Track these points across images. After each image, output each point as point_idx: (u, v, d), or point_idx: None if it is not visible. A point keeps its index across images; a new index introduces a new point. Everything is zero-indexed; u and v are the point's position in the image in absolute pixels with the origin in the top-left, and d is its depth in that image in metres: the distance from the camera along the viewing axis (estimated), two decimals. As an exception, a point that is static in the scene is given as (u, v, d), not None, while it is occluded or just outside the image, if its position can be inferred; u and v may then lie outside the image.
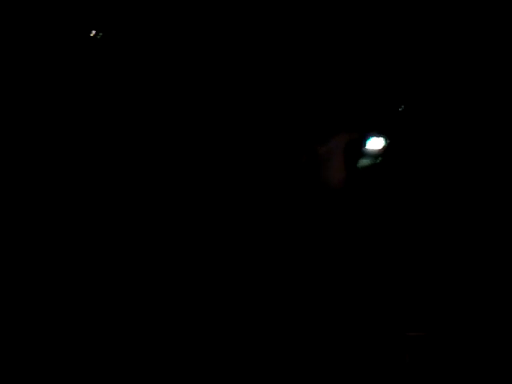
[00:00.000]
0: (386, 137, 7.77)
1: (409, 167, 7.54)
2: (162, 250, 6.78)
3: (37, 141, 7.16)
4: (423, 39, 7.63)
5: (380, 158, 7.88)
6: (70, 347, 4.74)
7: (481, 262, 6.40)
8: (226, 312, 5.52)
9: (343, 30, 7.69)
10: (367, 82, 7.87)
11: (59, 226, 6.79)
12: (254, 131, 7.85)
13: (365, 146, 7.79)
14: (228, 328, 5.22)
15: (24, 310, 5.28)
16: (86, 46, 7.66)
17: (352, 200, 7.39)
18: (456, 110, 7.46)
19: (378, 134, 7.80)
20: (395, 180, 7.62)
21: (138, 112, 7.64)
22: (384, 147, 7.79)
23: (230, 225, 7.29)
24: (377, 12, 7.66)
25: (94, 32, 7.76)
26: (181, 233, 7.12)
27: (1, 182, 6.76)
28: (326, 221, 6.73)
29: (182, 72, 7.89)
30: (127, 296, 5.69)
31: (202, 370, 4.56)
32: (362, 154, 7.82)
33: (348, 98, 7.85)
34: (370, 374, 5.06)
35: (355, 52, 7.79)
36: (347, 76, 7.87)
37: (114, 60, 7.79)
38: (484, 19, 7.32)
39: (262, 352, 4.88)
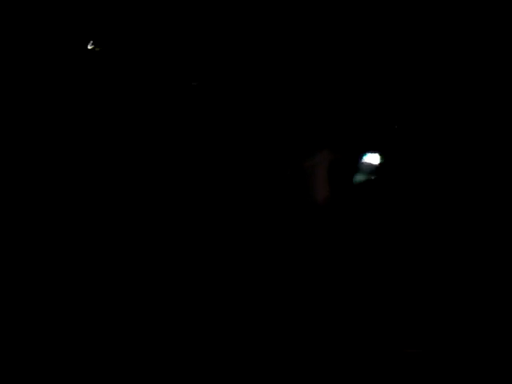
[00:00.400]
0: (382, 153, 7.77)
1: (404, 182, 7.54)
2: (161, 249, 6.78)
3: (38, 141, 7.14)
4: (417, 53, 7.66)
5: (375, 174, 7.87)
6: (70, 347, 4.71)
7: (478, 276, 6.37)
8: (226, 311, 5.51)
9: (337, 44, 7.71)
10: (362, 98, 7.88)
11: (59, 225, 6.77)
12: (242, 142, 7.84)
13: (360, 161, 7.79)
14: (227, 327, 5.20)
15: (24, 309, 5.28)
16: (85, 51, 7.66)
17: (343, 210, 7.39)
18: (451, 124, 7.48)
19: (374, 151, 7.81)
20: (390, 196, 7.60)
21: (139, 113, 7.63)
22: (379, 163, 7.79)
23: (220, 230, 7.29)
24: (369, 27, 7.69)
25: (91, 43, 7.76)
26: (176, 234, 7.11)
27: (1, 182, 6.74)
28: (315, 234, 6.70)
29: (177, 78, 7.89)
30: (127, 296, 5.70)
31: (202, 370, 4.53)
32: (357, 169, 7.81)
33: (343, 113, 7.86)
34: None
35: (350, 66, 7.81)
36: (342, 92, 7.88)
37: (115, 62, 7.78)
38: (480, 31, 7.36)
39: (261, 352, 4.86)
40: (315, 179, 6.57)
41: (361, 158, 7.87)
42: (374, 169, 7.83)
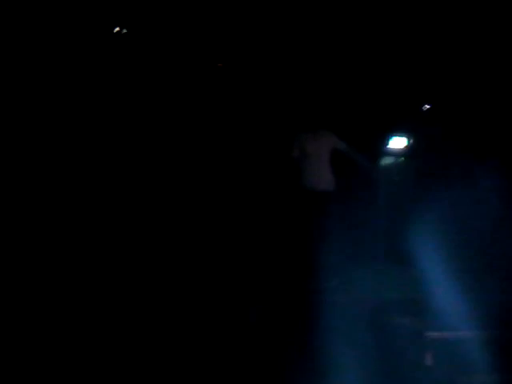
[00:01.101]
0: (409, 136, 7.71)
1: (430, 166, 7.47)
2: (160, 249, 6.81)
3: (39, 141, 7.21)
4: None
5: (402, 157, 7.82)
6: (70, 347, 4.75)
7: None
8: (225, 311, 5.52)
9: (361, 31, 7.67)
10: (389, 83, 7.81)
11: (59, 225, 6.82)
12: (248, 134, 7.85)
13: (387, 145, 7.74)
14: (227, 327, 5.22)
15: (24, 309, 5.31)
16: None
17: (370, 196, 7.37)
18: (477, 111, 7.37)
19: (401, 134, 7.75)
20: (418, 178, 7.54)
21: (140, 112, 7.67)
22: (407, 146, 7.73)
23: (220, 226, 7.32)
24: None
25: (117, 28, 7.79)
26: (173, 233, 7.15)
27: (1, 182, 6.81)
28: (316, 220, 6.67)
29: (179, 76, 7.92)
30: (127, 295, 5.71)
31: (202, 370, 4.54)
32: (385, 152, 7.77)
33: (368, 99, 7.81)
34: (391, 375, 4.97)
35: (379, 52, 7.75)
36: (368, 77, 7.83)
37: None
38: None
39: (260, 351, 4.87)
40: (319, 160, 6.56)
41: (388, 142, 7.82)
42: (402, 152, 7.77)
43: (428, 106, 7.55)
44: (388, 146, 7.67)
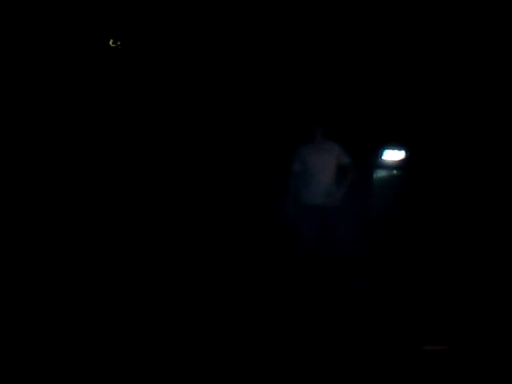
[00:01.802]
0: (404, 149, 7.66)
1: (426, 178, 7.41)
2: (160, 249, 6.76)
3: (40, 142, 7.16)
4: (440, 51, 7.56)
5: (397, 170, 7.76)
6: (70, 347, 4.68)
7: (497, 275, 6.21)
8: (225, 311, 5.46)
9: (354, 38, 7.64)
10: (384, 96, 7.77)
11: (59, 225, 6.78)
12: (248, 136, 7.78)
13: (381, 157, 7.68)
14: (227, 327, 5.15)
15: (24, 309, 5.28)
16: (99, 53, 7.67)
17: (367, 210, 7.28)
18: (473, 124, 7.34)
19: (395, 146, 7.69)
20: (412, 190, 7.48)
21: (141, 112, 7.62)
22: (402, 159, 7.67)
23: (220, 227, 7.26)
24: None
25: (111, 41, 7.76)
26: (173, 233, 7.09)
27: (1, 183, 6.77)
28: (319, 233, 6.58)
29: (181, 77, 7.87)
30: (127, 296, 5.68)
31: (202, 370, 4.46)
32: (378, 165, 7.71)
33: (363, 109, 7.76)
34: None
35: (372, 63, 7.72)
36: (362, 88, 7.79)
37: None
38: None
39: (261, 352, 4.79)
40: (324, 173, 6.45)
41: (382, 154, 7.77)
42: (395, 165, 7.73)
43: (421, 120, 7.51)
44: (382, 159, 7.62)
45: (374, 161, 7.64)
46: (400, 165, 7.65)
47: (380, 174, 7.71)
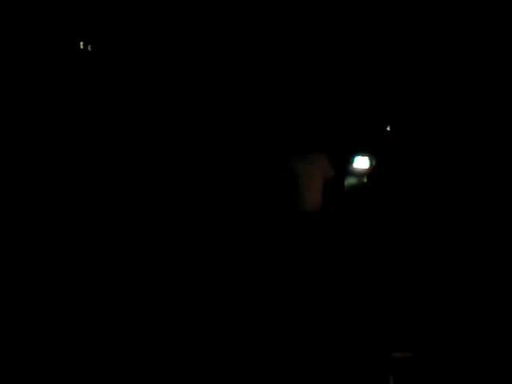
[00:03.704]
0: (373, 156, 7.77)
1: (395, 186, 7.53)
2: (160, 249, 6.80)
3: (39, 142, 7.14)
4: (408, 59, 7.66)
5: (366, 178, 7.87)
6: (70, 347, 4.70)
7: (467, 281, 6.34)
8: (225, 312, 5.51)
9: (328, 50, 7.72)
10: (354, 102, 7.87)
11: (59, 225, 6.78)
12: (237, 144, 7.83)
13: (351, 165, 7.79)
14: (227, 328, 5.19)
15: (24, 309, 5.28)
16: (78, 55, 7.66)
17: (333, 218, 7.36)
18: (442, 128, 7.46)
19: (365, 154, 7.81)
20: (381, 199, 7.59)
21: (137, 114, 7.63)
22: (371, 166, 7.79)
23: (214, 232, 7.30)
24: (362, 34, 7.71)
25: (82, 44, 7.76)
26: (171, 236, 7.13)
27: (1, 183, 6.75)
28: (305, 241, 6.67)
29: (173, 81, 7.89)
30: (127, 296, 5.70)
31: (202, 370, 4.51)
32: (349, 173, 7.81)
33: (334, 118, 7.86)
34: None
35: (341, 70, 7.81)
36: (333, 96, 7.88)
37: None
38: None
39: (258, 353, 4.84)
40: (310, 183, 6.55)
41: (352, 162, 7.88)
42: (365, 173, 7.83)
43: (390, 127, 7.63)
44: (352, 166, 7.73)
45: (345, 168, 7.75)
46: (370, 172, 7.77)
47: (350, 181, 7.83)
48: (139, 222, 7.22)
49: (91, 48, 7.92)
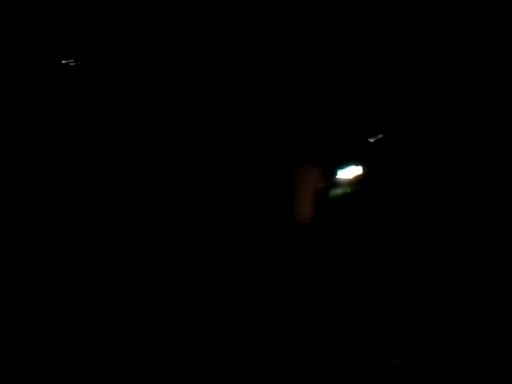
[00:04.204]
0: (360, 166, 7.75)
1: (384, 194, 7.52)
2: (160, 250, 6.71)
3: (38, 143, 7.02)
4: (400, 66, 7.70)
5: (353, 187, 7.84)
6: (70, 347, 4.58)
7: (465, 286, 6.35)
8: (226, 312, 5.44)
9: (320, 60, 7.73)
10: (342, 111, 7.87)
11: (59, 226, 6.65)
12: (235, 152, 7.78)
13: (337, 175, 7.75)
14: (228, 328, 5.11)
15: (24, 310, 5.16)
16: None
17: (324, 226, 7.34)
18: (432, 137, 7.50)
19: (352, 163, 7.79)
20: (369, 207, 7.57)
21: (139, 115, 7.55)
22: (358, 176, 7.76)
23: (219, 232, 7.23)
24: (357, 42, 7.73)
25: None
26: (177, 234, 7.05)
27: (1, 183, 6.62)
28: (299, 251, 6.64)
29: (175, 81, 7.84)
30: (127, 296, 5.62)
31: (202, 370, 4.42)
32: (335, 183, 7.77)
33: (323, 127, 7.85)
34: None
35: (331, 79, 7.81)
36: (322, 105, 7.87)
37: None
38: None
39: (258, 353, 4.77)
40: (303, 193, 6.54)
41: (344, 171, 7.86)
42: (356, 182, 7.82)
43: (379, 136, 7.64)
44: (338, 176, 7.70)
45: (330, 178, 7.72)
46: (356, 182, 7.75)
47: (335, 191, 7.81)
48: (142, 223, 7.13)
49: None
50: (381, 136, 7.61)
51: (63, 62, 7.44)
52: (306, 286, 6.39)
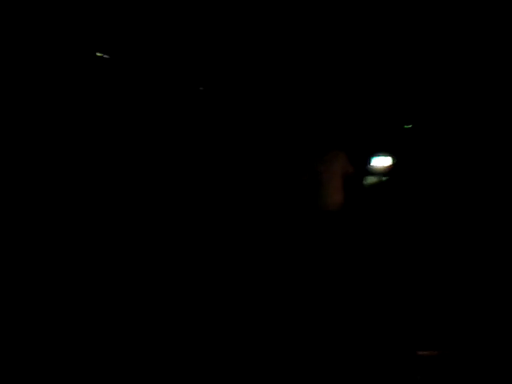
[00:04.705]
0: (393, 155, 7.75)
1: (415, 185, 7.50)
2: (161, 250, 6.77)
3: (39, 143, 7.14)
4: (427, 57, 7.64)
5: (386, 176, 7.84)
6: (70, 347, 4.70)
7: (492, 279, 6.31)
8: (226, 312, 5.50)
9: (345, 47, 7.70)
10: (372, 101, 7.85)
11: (59, 226, 6.76)
12: (257, 147, 7.81)
13: (371, 164, 7.76)
14: (228, 328, 5.18)
15: (24, 310, 5.28)
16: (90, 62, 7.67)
17: (355, 216, 7.34)
18: (462, 126, 7.44)
19: (385, 153, 7.78)
20: (401, 198, 7.55)
21: (142, 116, 7.63)
22: (391, 165, 7.76)
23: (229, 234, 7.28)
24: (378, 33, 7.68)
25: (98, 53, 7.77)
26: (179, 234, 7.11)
27: (1, 183, 6.74)
28: (328, 240, 6.66)
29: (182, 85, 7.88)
30: (127, 296, 5.70)
31: (202, 370, 4.51)
32: (368, 172, 7.79)
33: (353, 118, 7.84)
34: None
35: (359, 71, 7.79)
36: (351, 96, 7.86)
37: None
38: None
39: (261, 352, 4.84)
40: (330, 185, 6.53)
41: (371, 162, 7.85)
42: (384, 172, 7.80)
43: (410, 125, 7.61)
44: (371, 165, 7.70)
45: (363, 167, 7.73)
46: (389, 171, 7.74)
47: (369, 180, 7.81)
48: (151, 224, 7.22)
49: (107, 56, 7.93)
50: (412, 125, 7.57)
51: (66, 61, 7.53)
52: (335, 275, 6.40)
